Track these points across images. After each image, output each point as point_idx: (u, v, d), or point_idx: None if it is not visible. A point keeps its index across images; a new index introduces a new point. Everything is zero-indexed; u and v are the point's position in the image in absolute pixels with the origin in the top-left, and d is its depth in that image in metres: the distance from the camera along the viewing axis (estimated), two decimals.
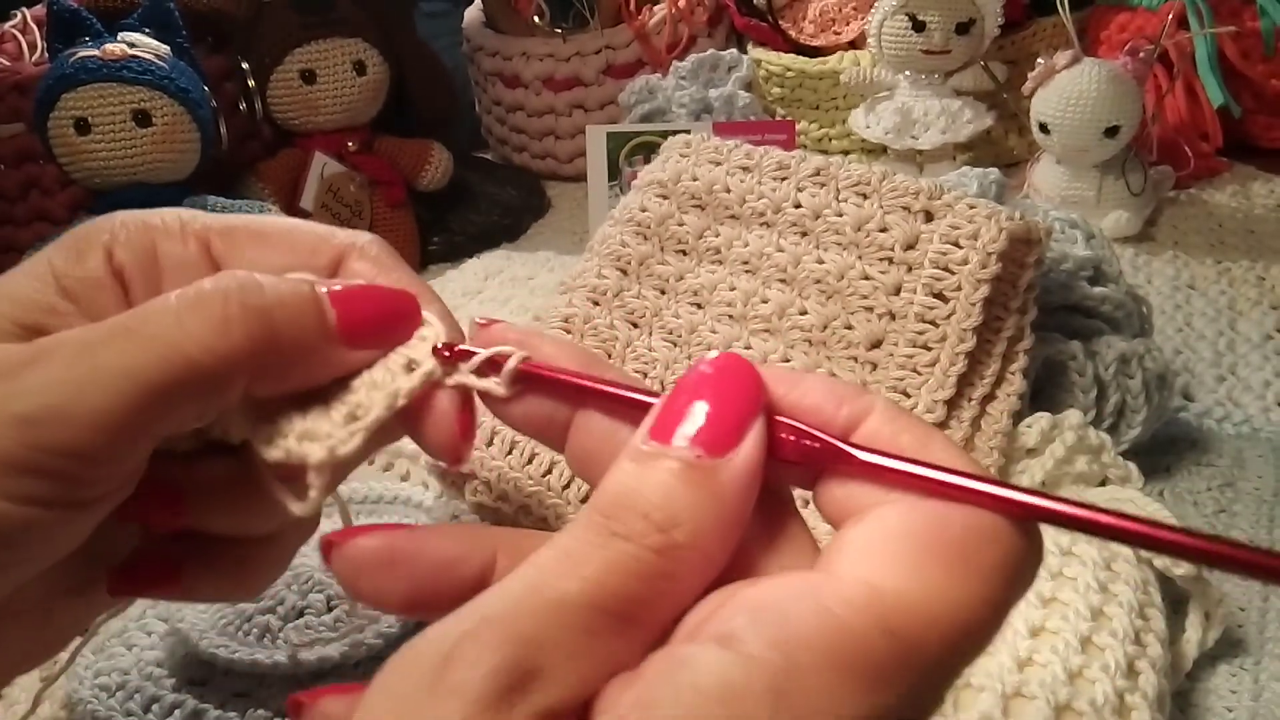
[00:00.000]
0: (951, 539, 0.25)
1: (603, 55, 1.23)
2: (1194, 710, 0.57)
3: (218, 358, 0.30)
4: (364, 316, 0.32)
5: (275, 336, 0.30)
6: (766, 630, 0.23)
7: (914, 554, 0.25)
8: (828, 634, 0.23)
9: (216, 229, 0.35)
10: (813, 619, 0.23)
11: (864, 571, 0.25)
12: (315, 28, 1.03)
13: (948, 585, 0.24)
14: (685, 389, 0.27)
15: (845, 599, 0.24)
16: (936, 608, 0.24)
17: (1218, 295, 0.93)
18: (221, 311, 0.30)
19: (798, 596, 0.24)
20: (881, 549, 0.25)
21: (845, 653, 0.23)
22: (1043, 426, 0.63)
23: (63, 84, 0.89)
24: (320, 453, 0.31)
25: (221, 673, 0.58)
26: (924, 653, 0.24)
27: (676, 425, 0.26)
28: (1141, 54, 1.02)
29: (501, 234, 1.13)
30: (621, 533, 0.25)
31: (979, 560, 0.25)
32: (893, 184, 0.65)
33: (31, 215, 1.00)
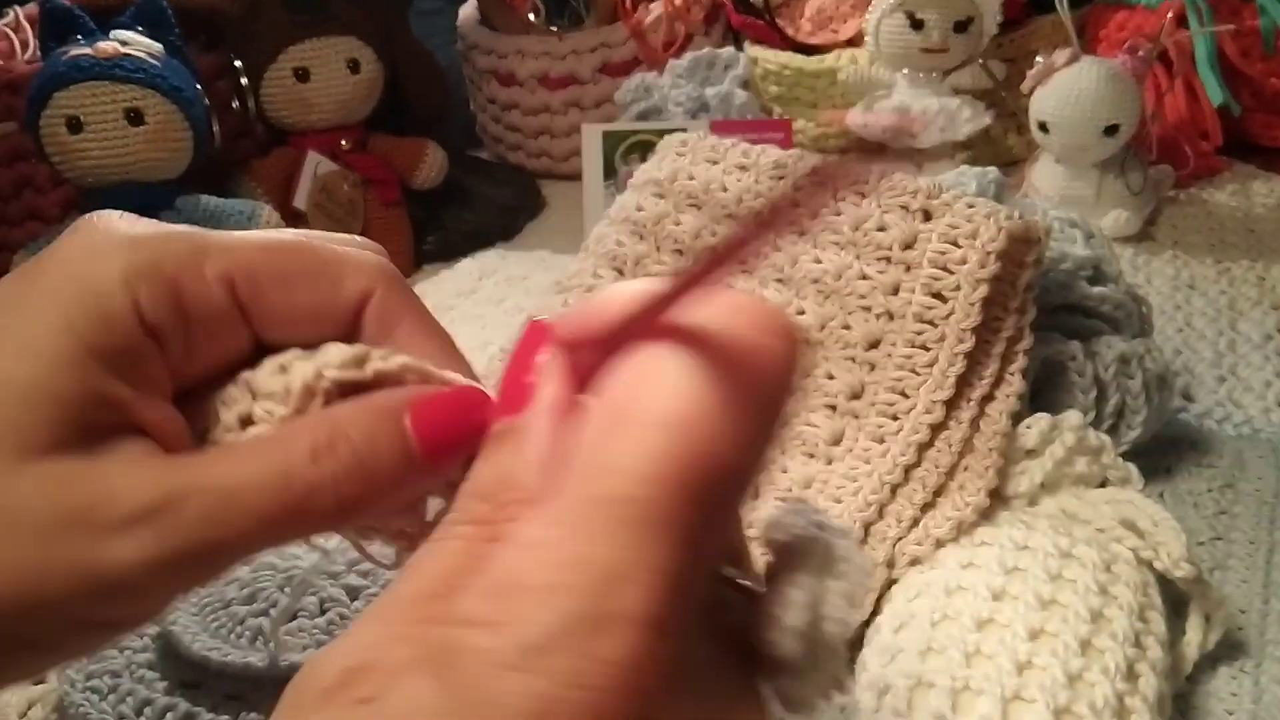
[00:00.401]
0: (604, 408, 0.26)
1: (598, 53, 1.22)
2: (1194, 713, 0.57)
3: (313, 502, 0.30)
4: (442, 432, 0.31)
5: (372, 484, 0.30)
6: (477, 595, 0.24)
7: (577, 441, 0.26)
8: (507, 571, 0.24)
9: (239, 272, 0.32)
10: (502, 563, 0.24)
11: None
12: (309, 26, 1.03)
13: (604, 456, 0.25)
14: (504, 374, 0.29)
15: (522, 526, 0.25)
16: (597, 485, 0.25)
17: (1218, 295, 0.93)
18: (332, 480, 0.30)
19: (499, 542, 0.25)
20: None
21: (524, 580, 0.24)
22: (1042, 427, 0.63)
23: (55, 82, 0.88)
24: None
25: (214, 675, 0.58)
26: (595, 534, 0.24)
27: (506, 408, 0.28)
28: (1141, 52, 1.01)
29: (496, 233, 1.13)
30: (455, 519, 0.26)
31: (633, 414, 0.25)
32: (891, 183, 0.64)
33: (24, 214, 0.99)
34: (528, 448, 0.26)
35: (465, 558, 0.25)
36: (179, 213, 0.93)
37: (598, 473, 0.24)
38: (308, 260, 0.33)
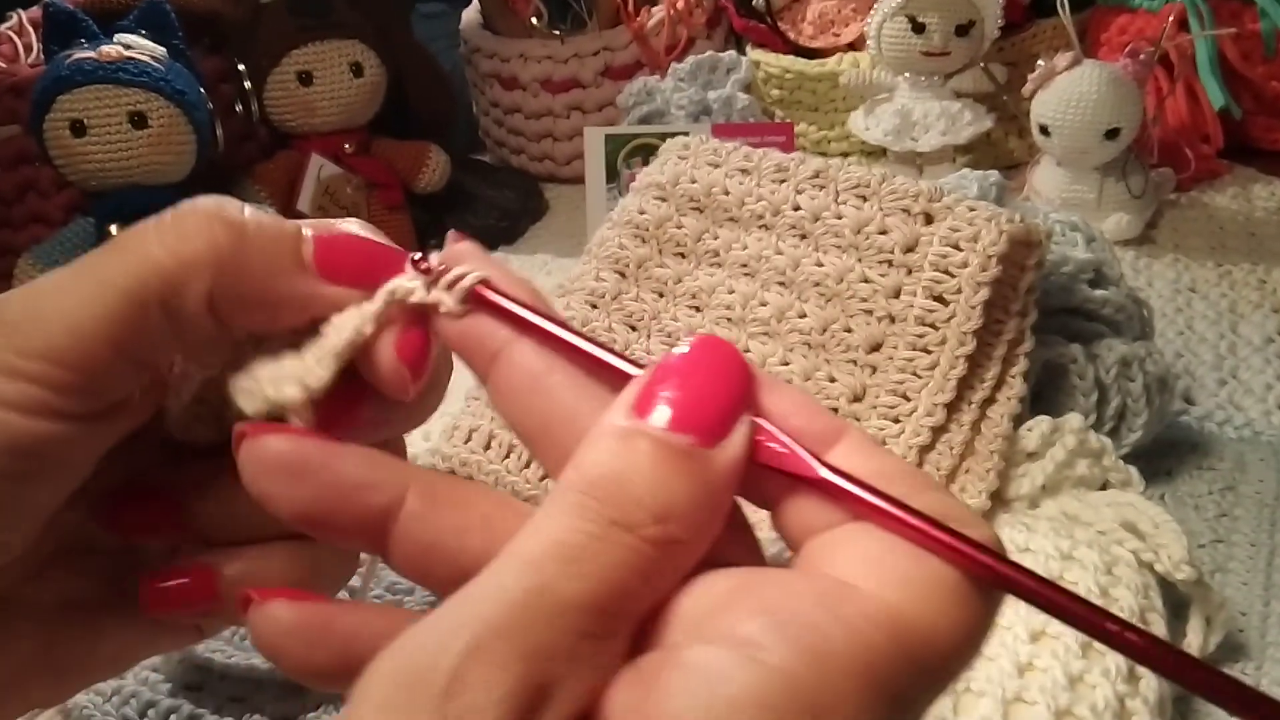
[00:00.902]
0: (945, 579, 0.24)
1: (601, 57, 1.22)
2: (1195, 715, 0.57)
3: (182, 262, 0.30)
4: (343, 254, 0.31)
5: (243, 249, 0.30)
6: (793, 640, 0.22)
7: (921, 572, 0.24)
8: (857, 651, 0.22)
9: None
10: (841, 634, 0.22)
11: (876, 584, 0.24)
12: (312, 29, 1.03)
13: (949, 611, 0.24)
14: (671, 369, 0.26)
15: (868, 615, 0.23)
16: (942, 629, 0.23)
17: (1219, 298, 0.93)
18: (192, 222, 0.31)
19: (818, 606, 0.23)
20: (887, 561, 0.24)
21: (875, 673, 0.22)
22: (1043, 430, 0.63)
23: (58, 86, 0.88)
24: (296, 391, 0.30)
25: (217, 677, 0.58)
26: (927, 673, 0.23)
27: (659, 405, 0.25)
28: (1142, 56, 1.02)
29: (499, 237, 1.13)
30: (620, 521, 0.24)
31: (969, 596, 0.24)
32: (892, 186, 0.65)
33: (28, 218, 0.99)
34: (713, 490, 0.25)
35: (638, 581, 0.23)
36: None
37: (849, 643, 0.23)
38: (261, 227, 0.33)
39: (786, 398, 0.27)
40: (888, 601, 0.23)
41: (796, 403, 0.27)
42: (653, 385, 0.25)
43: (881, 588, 0.23)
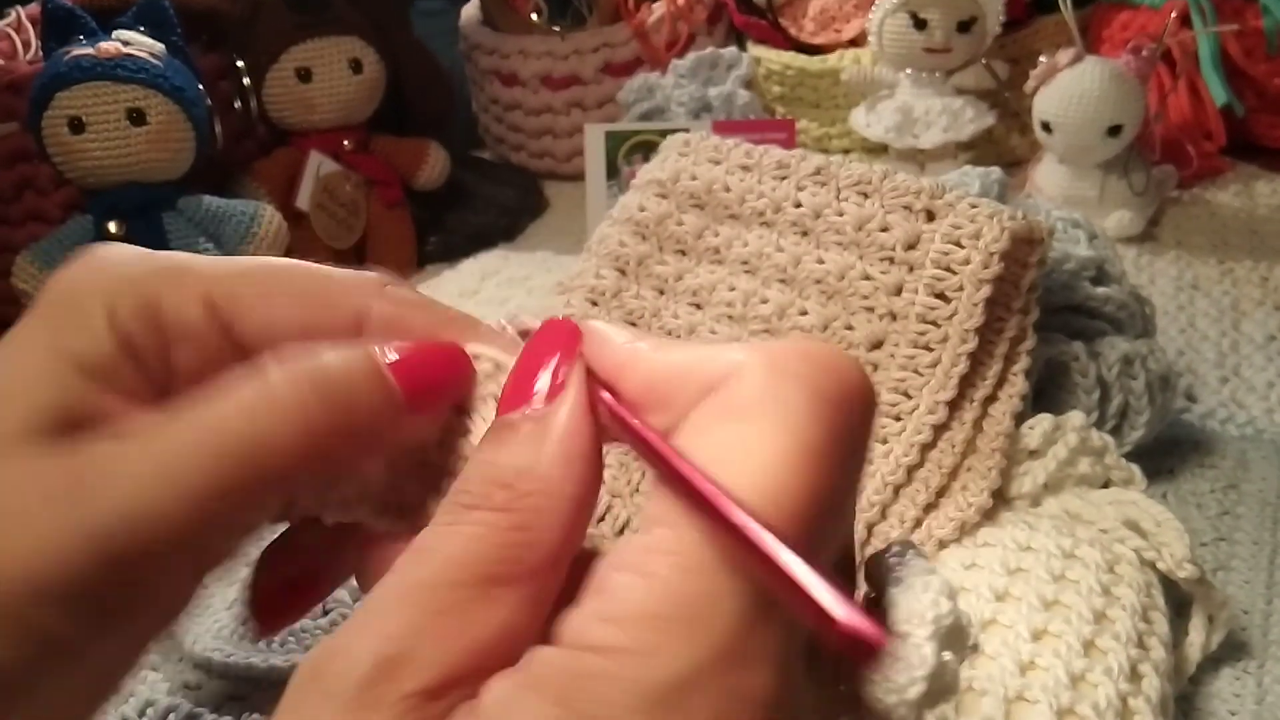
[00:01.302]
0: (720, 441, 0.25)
1: (601, 53, 1.22)
2: (1197, 714, 0.57)
3: (298, 453, 0.28)
4: (425, 378, 0.31)
5: (350, 421, 0.29)
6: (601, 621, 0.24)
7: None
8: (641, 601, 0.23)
9: (219, 290, 0.32)
10: (628, 592, 0.24)
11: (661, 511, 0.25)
12: (311, 26, 1.03)
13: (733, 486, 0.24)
14: (520, 362, 0.29)
15: (647, 551, 0.24)
16: None
17: (1221, 296, 0.93)
18: (298, 405, 0.28)
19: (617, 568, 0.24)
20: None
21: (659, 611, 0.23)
22: (1045, 428, 0.63)
23: (57, 83, 0.88)
24: None
25: (216, 676, 0.58)
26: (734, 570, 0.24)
27: (523, 395, 0.28)
28: (1144, 52, 1.01)
29: (499, 234, 1.13)
30: (469, 503, 0.26)
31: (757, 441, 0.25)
32: (894, 183, 0.64)
33: (26, 215, 0.99)
34: (554, 440, 0.27)
35: (491, 545, 0.25)
36: (181, 213, 0.93)
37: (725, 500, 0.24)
38: (294, 280, 0.33)
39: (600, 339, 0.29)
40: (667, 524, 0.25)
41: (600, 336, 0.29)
42: (508, 384, 0.29)
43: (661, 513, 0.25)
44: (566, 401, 0.28)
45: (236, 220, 0.94)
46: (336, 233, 1.04)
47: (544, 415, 0.27)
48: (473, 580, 0.25)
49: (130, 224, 0.90)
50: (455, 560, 0.25)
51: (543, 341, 0.29)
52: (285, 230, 0.96)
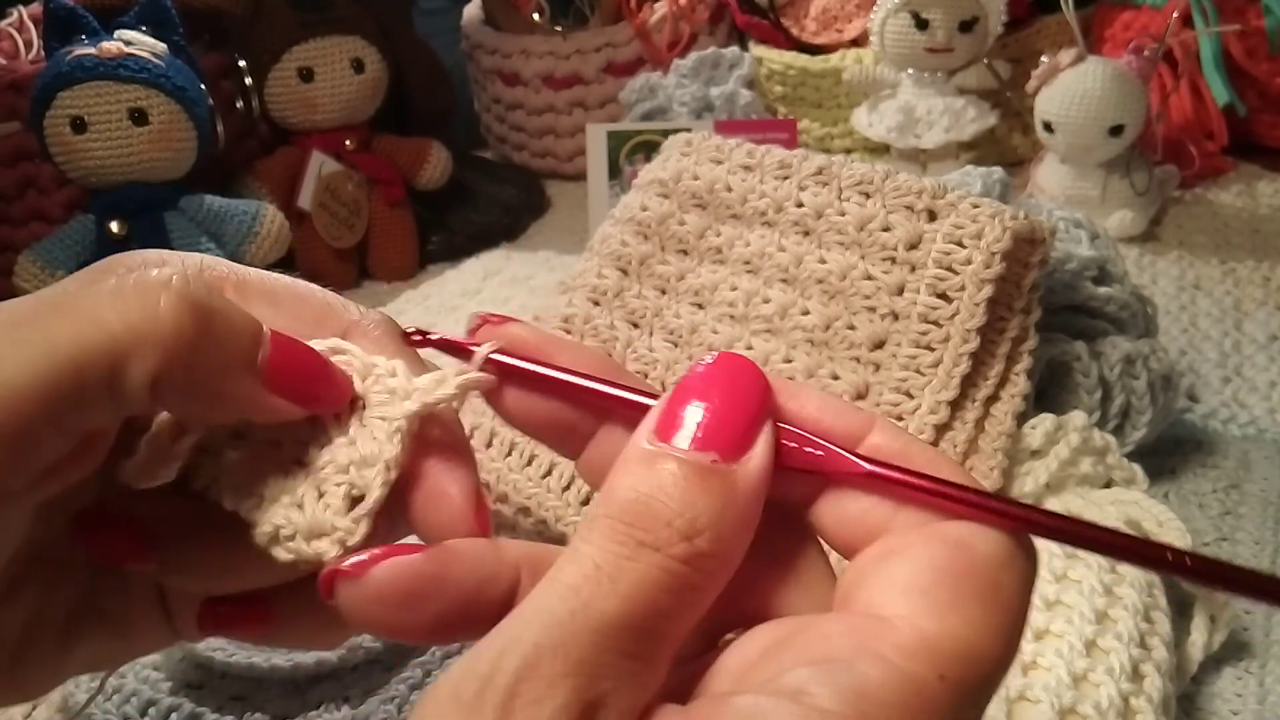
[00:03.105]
0: (977, 570, 0.25)
1: (603, 53, 1.22)
2: (1199, 714, 0.56)
3: (136, 337, 0.27)
4: (295, 372, 0.30)
5: (203, 342, 0.28)
6: (836, 685, 0.23)
7: (949, 590, 0.25)
8: (893, 687, 0.23)
9: (232, 281, 0.32)
10: (878, 673, 0.23)
11: (907, 612, 0.25)
12: (313, 25, 1.03)
13: (983, 620, 0.25)
14: (690, 388, 0.27)
15: (901, 647, 0.24)
16: (977, 644, 0.24)
17: (1223, 295, 0.93)
18: (157, 297, 0.28)
19: (858, 648, 0.24)
20: (916, 586, 0.25)
21: (910, 704, 0.23)
22: (1047, 428, 0.63)
23: (59, 82, 0.88)
24: (335, 550, 0.30)
25: (218, 676, 0.58)
26: (969, 688, 0.24)
27: (681, 425, 0.26)
28: (1146, 52, 1.01)
29: (501, 233, 1.13)
30: (649, 542, 0.24)
31: (1003, 588, 0.25)
32: (896, 183, 0.64)
33: (28, 214, 0.99)
34: (740, 504, 0.26)
35: (671, 598, 0.24)
36: (183, 213, 0.93)
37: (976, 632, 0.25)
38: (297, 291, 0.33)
39: (811, 401, 0.28)
40: (920, 629, 0.24)
41: (821, 404, 0.28)
42: (673, 406, 0.26)
43: (913, 614, 0.24)
44: (755, 464, 0.26)
45: (238, 220, 0.94)
46: (338, 232, 1.04)
47: (732, 472, 0.26)
48: (655, 632, 0.24)
49: (132, 223, 0.90)
50: (642, 604, 0.24)
51: (728, 378, 0.27)
52: (287, 229, 0.96)
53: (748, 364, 0.27)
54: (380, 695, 0.57)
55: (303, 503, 0.30)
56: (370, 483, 0.30)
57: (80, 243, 0.91)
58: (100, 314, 0.27)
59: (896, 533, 0.26)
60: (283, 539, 0.30)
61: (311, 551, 0.30)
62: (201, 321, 0.28)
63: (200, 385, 0.29)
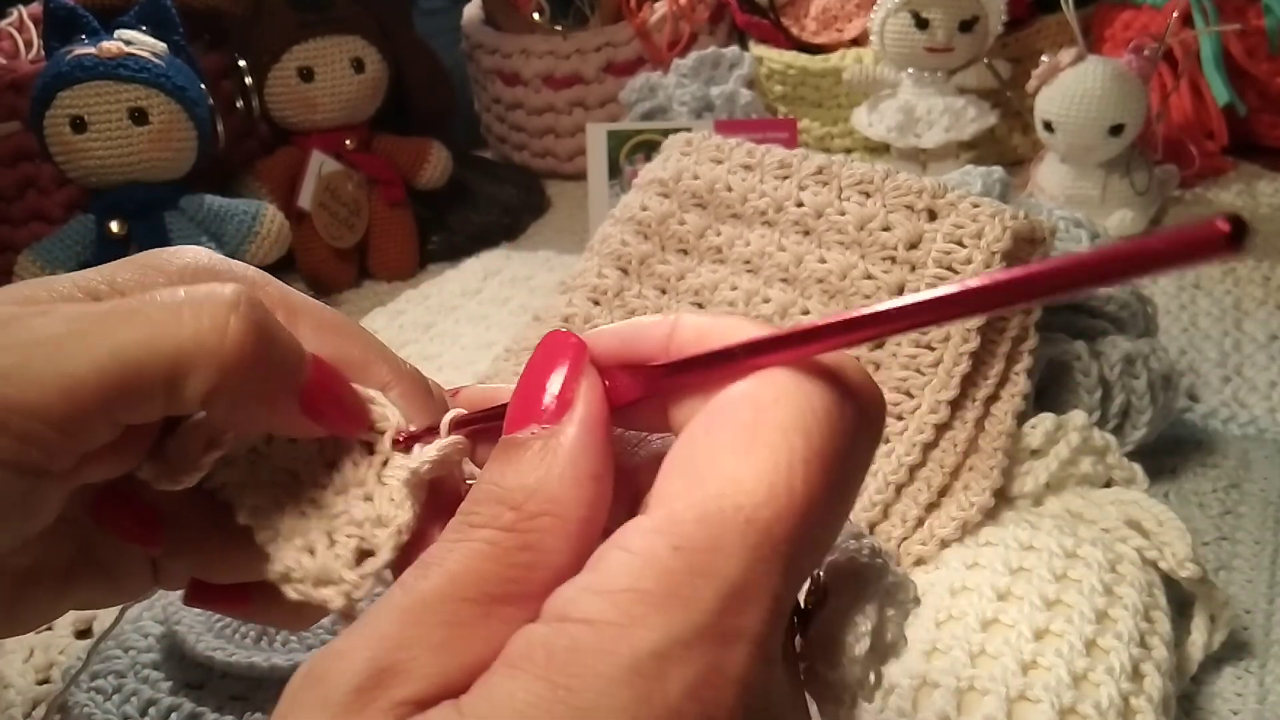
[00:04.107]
0: (728, 421, 0.26)
1: (603, 53, 1.22)
2: (1199, 713, 0.56)
3: (202, 353, 0.29)
4: (328, 403, 0.32)
5: (259, 365, 0.29)
6: (585, 587, 0.24)
7: (700, 454, 0.25)
8: (622, 570, 0.24)
9: (285, 303, 0.33)
10: (615, 561, 0.24)
11: (662, 493, 0.25)
12: (313, 25, 1.03)
13: (733, 470, 0.25)
14: (523, 381, 0.29)
15: (642, 531, 0.25)
16: (725, 501, 0.24)
17: (1223, 295, 0.93)
18: (226, 318, 0.29)
19: (610, 543, 0.25)
20: (676, 459, 0.26)
21: (640, 583, 0.24)
22: (1047, 427, 0.63)
23: (59, 82, 0.88)
24: (340, 601, 0.31)
25: (218, 675, 0.58)
26: (720, 550, 0.24)
27: (527, 413, 0.28)
28: (1146, 52, 1.01)
29: (501, 233, 1.13)
30: (476, 522, 0.26)
31: (762, 429, 0.25)
32: (896, 182, 0.64)
33: (28, 214, 0.99)
34: (563, 459, 0.27)
35: (496, 564, 0.26)
36: (183, 212, 0.93)
37: (723, 488, 0.24)
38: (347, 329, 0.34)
39: (616, 334, 0.29)
40: (670, 504, 0.25)
41: (626, 333, 0.29)
42: (513, 403, 0.29)
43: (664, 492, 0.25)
44: (575, 419, 0.27)
45: (239, 219, 0.94)
46: (338, 232, 1.04)
47: (552, 434, 0.27)
48: (476, 597, 0.25)
49: (132, 223, 0.91)
50: (459, 576, 0.26)
51: (545, 355, 0.29)
52: (287, 229, 0.96)
53: (556, 334, 0.29)
54: None
55: (314, 548, 0.32)
56: (382, 543, 0.31)
57: (80, 243, 0.91)
58: (171, 324, 0.29)
59: None
60: (293, 580, 0.32)
61: (318, 597, 0.31)
62: (263, 346, 0.29)
63: (247, 402, 0.30)
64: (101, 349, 0.28)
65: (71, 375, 0.28)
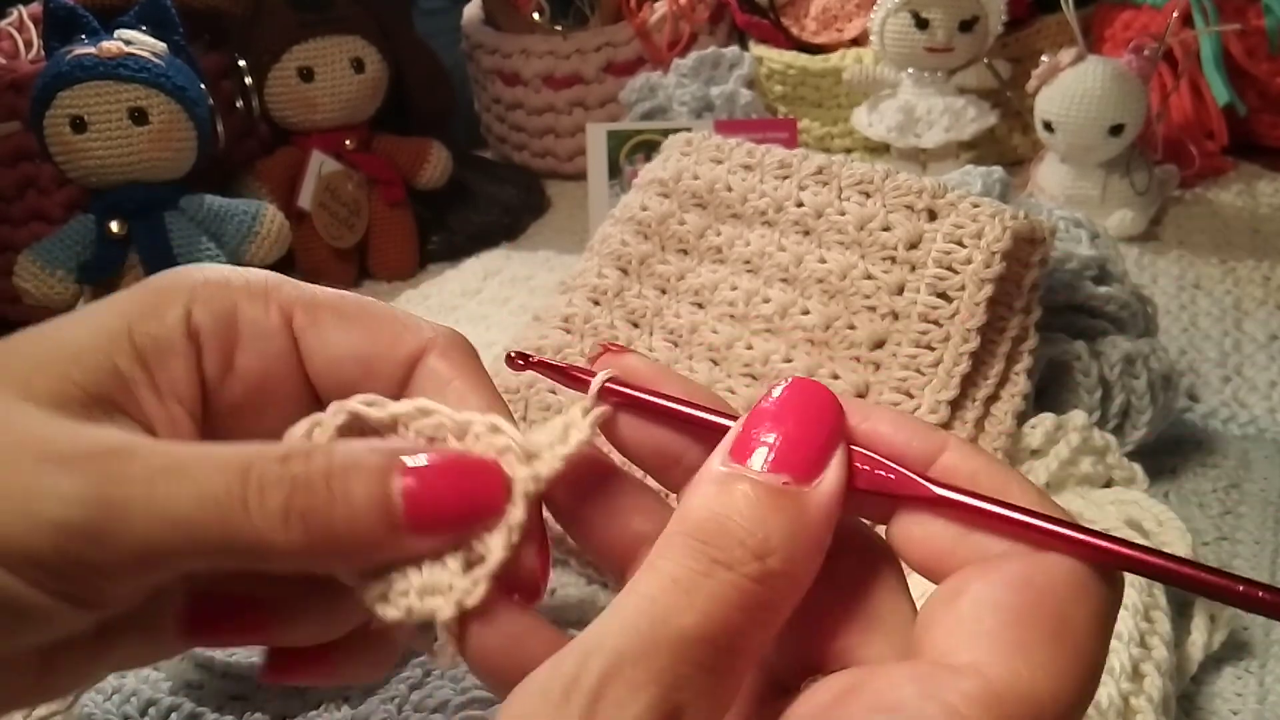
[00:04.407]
0: (1045, 604, 0.25)
1: (603, 53, 1.22)
2: (1199, 713, 0.56)
3: (271, 548, 0.28)
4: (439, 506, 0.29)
5: (334, 539, 0.28)
6: None
7: (1014, 630, 0.25)
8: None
9: (301, 303, 0.33)
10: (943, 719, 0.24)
11: (971, 656, 0.25)
12: (313, 25, 1.03)
13: (1050, 661, 0.25)
14: (764, 413, 0.28)
15: (965, 694, 0.24)
16: (1043, 687, 0.24)
17: (1223, 295, 0.93)
18: (283, 508, 0.28)
19: (923, 696, 0.24)
20: (982, 627, 0.25)
21: None
22: (1047, 427, 0.63)
23: (59, 82, 0.88)
24: (449, 609, 0.29)
25: (218, 676, 0.58)
26: None
27: (755, 448, 0.27)
28: (1146, 52, 1.01)
29: (501, 233, 1.13)
30: (722, 560, 0.25)
31: (1074, 623, 0.25)
32: (896, 182, 0.64)
33: (28, 214, 0.99)
34: (812, 526, 0.26)
35: (744, 616, 0.25)
36: (183, 212, 0.93)
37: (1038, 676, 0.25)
38: (370, 310, 0.34)
39: (884, 420, 0.29)
40: (985, 675, 0.24)
41: (894, 424, 0.29)
42: (748, 430, 0.27)
43: (977, 659, 0.25)
44: (827, 487, 0.27)
45: (238, 219, 0.94)
46: (339, 232, 1.04)
47: (803, 493, 0.26)
48: (730, 648, 0.25)
49: (132, 223, 0.90)
50: (718, 619, 0.25)
51: (799, 402, 0.28)
52: (287, 229, 0.96)
53: (820, 388, 0.28)
54: (380, 695, 0.57)
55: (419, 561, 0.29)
56: (491, 544, 0.29)
57: (80, 243, 0.91)
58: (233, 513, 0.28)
59: (965, 570, 0.27)
60: (394, 596, 0.29)
61: (425, 609, 0.29)
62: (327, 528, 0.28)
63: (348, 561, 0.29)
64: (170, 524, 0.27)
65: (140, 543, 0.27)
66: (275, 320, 0.33)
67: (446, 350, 0.33)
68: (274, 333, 0.33)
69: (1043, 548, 0.26)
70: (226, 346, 0.33)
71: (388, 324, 0.33)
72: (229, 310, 0.33)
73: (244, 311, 0.33)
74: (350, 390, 0.31)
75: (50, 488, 0.27)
